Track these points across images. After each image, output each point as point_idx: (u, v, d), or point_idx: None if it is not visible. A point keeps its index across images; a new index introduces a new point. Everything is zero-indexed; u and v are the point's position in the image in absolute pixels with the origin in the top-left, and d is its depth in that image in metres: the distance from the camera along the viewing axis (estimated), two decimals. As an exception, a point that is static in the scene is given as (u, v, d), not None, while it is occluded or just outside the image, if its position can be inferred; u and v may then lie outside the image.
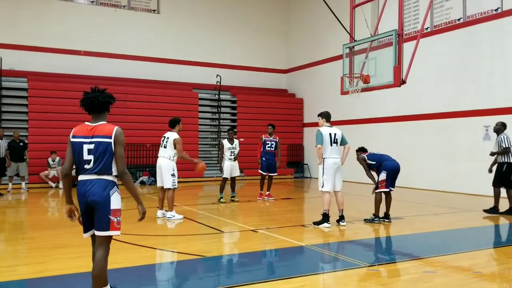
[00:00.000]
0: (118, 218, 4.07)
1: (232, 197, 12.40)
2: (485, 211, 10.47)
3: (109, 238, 4.16)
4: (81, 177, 4.09)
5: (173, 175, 9.37)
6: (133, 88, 18.98)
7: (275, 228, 8.46)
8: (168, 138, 9.44)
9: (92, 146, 4.05)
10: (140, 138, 18.19)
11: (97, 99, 4.28)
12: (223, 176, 12.14)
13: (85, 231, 4.22)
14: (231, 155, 12.08)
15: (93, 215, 4.07)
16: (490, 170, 10.66)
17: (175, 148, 9.34)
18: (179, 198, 13.35)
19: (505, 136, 10.30)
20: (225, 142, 12.20)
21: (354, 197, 13.22)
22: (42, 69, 18.44)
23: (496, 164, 10.47)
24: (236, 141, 12.31)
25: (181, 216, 9.48)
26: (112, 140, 4.08)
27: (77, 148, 4.10)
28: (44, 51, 18.47)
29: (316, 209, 9.63)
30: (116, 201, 4.07)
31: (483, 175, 13.64)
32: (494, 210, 10.36)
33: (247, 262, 6.29)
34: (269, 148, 12.62)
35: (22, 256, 6.59)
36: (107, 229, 4.03)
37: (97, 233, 4.09)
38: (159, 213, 9.63)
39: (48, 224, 9.27)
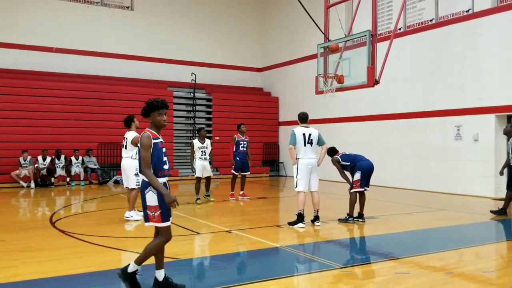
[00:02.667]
0: (153, 213, 4.71)
1: (206, 195, 12.29)
2: (492, 212, 10.19)
3: (157, 228, 4.83)
4: None
5: (136, 174, 9.15)
6: (107, 86, 18.73)
7: (250, 228, 8.44)
8: (126, 138, 9.31)
9: None
10: (114, 137, 17.90)
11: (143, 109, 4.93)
12: (196, 176, 11.99)
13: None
14: (202, 155, 11.94)
15: None
16: (501, 173, 10.23)
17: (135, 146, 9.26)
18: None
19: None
20: (196, 141, 12.08)
21: (329, 196, 13.30)
22: (11, 66, 18.03)
23: (507, 168, 10.09)
24: (207, 141, 12.18)
25: (140, 217, 9.31)
26: (139, 145, 4.75)
27: None
28: (13, 47, 18.07)
29: (291, 209, 9.65)
30: (150, 199, 4.70)
31: (454, 174, 13.95)
32: (502, 212, 9.97)
33: (221, 264, 6.26)
34: (242, 148, 12.56)
35: (-9, 260, 6.42)
36: (148, 221, 4.78)
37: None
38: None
39: (18, 226, 9.05)
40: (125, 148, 9.34)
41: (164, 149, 4.85)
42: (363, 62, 11.34)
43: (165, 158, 4.82)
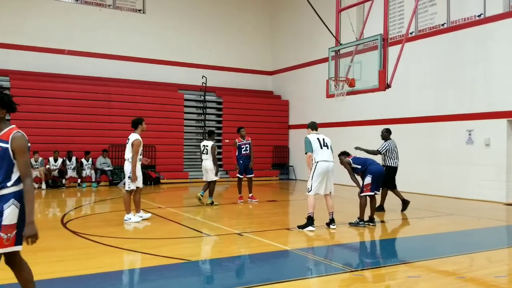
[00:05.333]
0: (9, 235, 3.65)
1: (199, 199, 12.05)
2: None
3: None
4: None
5: (129, 177, 9.29)
6: (118, 89, 18.81)
7: (260, 231, 8.44)
8: (129, 139, 9.53)
9: None
10: (124, 139, 17.85)
11: None
12: (215, 180, 12.06)
13: None
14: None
15: None
16: (356, 148, 10.92)
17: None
18: (164, 200, 13.31)
19: (385, 143, 10.90)
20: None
21: (339, 200, 13.22)
22: (24, 68, 18.16)
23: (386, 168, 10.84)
24: None
25: (148, 216, 9.53)
26: None
27: None
28: (27, 49, 18.21)
29: (301, 212, 9.63)
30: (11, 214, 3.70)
31: (466, 179, 13.86)
32: (380, 208, 10.86)
33: (231, 266, 6.26)
34: (245, 152, 12.57)
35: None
36: None
37: None
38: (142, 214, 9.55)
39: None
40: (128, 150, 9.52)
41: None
42: (374, 66, 11.34)
43: None
